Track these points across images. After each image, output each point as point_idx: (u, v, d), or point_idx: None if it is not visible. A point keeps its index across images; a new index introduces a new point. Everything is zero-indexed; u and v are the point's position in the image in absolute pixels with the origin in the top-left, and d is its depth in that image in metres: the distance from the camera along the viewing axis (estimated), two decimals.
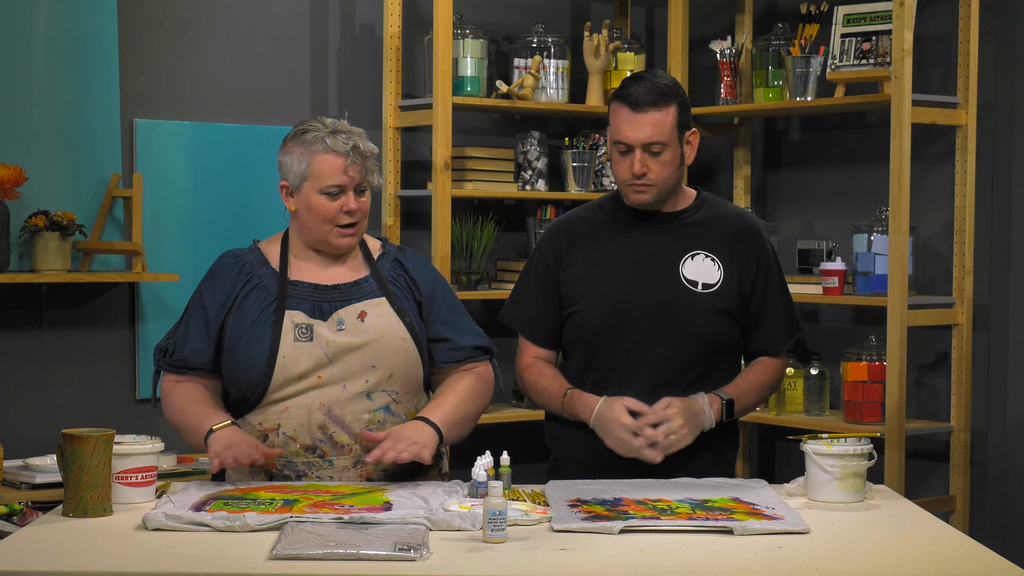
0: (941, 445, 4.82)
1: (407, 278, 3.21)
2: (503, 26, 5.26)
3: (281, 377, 3.06)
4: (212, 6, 4.70)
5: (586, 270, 3.29)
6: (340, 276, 3.17)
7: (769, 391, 3.40)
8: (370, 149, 3.11)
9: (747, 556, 2.49)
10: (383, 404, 3.11)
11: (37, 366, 4.41)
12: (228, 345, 3.11)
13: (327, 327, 3.09)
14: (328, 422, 3.07)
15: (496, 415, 4.89)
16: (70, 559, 2.46)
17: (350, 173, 3.07)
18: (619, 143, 3.20)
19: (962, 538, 2.67)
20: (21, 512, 3.96)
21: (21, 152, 4.28)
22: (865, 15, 4.71)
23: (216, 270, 3.19)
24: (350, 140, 3.08)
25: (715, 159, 5.61)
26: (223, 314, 3.13)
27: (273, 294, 3.12)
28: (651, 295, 3.24)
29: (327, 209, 3.09)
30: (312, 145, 3.08)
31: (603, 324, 3.26)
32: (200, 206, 4.64)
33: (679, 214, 3.30)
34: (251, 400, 3.09)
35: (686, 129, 3.22)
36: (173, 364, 3.15)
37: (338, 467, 3.08)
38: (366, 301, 3.13)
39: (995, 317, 4.71)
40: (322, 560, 2.42)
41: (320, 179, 3.08)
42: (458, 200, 4.97)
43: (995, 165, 4.69)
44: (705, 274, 3.26)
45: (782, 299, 3.34)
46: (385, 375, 3.10)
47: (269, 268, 3.16)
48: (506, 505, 2.58)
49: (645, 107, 3.16)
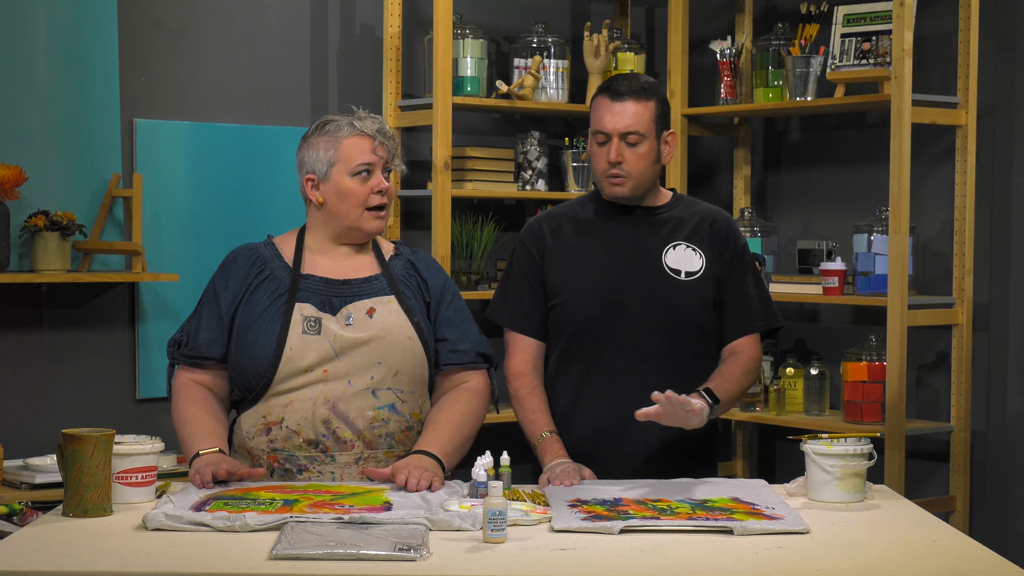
0: (941, 445, 4.82)
1: (418, 278, 3.23)
2: (503, 26, 5.26)
3: (287, 369, 3.07)
4: (212, 6, 4.70)
5: (570, 261, 3.34)
6: (352, 271, 3.18)
7: (749, 380, 3.35)
8: (392, 132, 3.20)
9: (747, 556, 2.49)
10: (388, 402, 3.11)
11: (37, 366, 4.41)
12: (237, 335, 3.12)
13: (335, 321, 3.10)
14: (332, 417, 3.08)
15: (496, 415, 4.89)
16: (70, 559, 2.46)
17: (379, 153, 3.14)
18: (598, 132, 3.26)
19: (962, 538, 2.67)
20: (21, 512, 3.96)
21: (21, 152, 4.28)
22: (865, 15, 4.71)
23: (230, 262, 3.21)
24: (375, 122, 3.17)
25: (715, 159, 5.61)
26: (235, 305, 3.15)
27: (284, 286, 3.14)
28: (637, 284, 3.30)
29: (359, 191, 3.13)
30: (337, 132, 3.15)
31: (590, 313, 3.30)
32: (200, 206, 4.64)
33: (657, 209, 3.37)
34: (256, 391, 3.10)
35: (665, 128, 3.29)
36: (186, 355, 3.16)
37: (340, 463, 3.08)
38: (376, 298, 3.14)
39: (995, 317, 4.71)
40: (322, 560, 2.42)
41: (349, 161, 3.13)
42: (458, 200, 4.97)
43: (995, 165, 4.69)
44: (688, 263, 3.32)
45: (755, 289, 3.37)
46: (391, 372, 3.11)
47: (282, 261, 3.19)
48: (506, 505, 2.58)
49: (625, 96, 3.23)
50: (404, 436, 3.14)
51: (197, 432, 3.09)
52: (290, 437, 3.08)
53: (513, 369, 3.37)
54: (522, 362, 3.37)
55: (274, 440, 3.09)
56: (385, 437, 3.11)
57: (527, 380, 3.35)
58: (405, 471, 2.97)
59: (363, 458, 3.09)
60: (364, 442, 3.09)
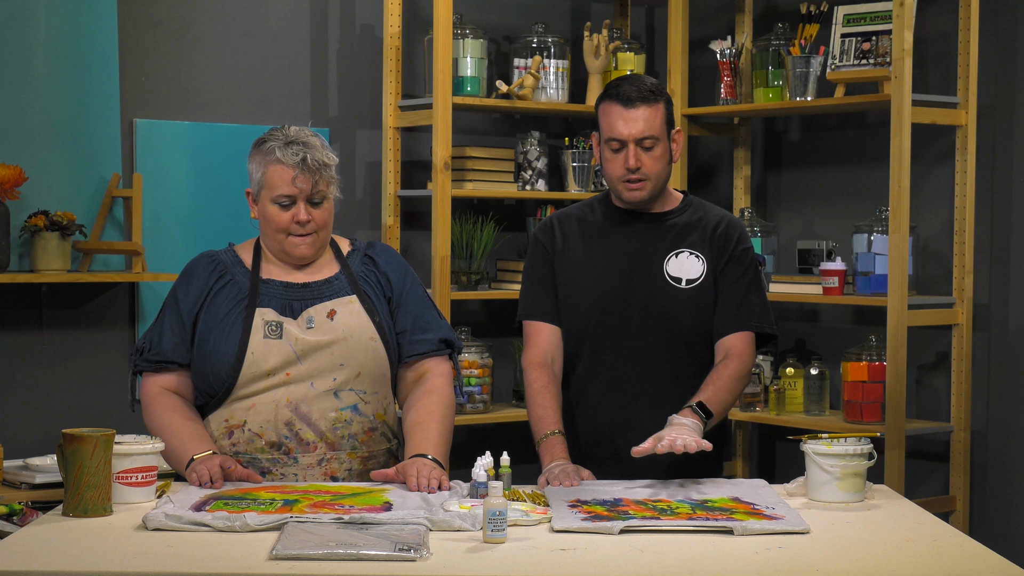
0: (941, 445, 4.82)
1: (377, 273, 3.23)
2: (503, 26, 5.26)
3: (249, 373, 3.08)
4: (212, 6, 4.70)
5: (576, 266, 3.34)
6: (311, 274, 3.19)
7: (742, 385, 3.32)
8: (323, 161, 3.10)
9: (747, 556, 2.49)
10: (350, 403, 3.12)
11: (37, 366, 4.41)
12: (198, 340, 3.13)
13: (297, 325, 3.10)
14: (295, 419, 3.08)
15: (496, 415, 4.90)
16: (70, 559, 2.46)
17: (299, 184, 3.09)
18: (612, 140, 3.24)
19: (962, 538, 2.67)
20: (21, 512, 3.97)
21: (21, 152, 4.28)
22: (865, 15, 4.71)
23: (190, 269, 3.22)
24: (300, 152, 3.08)
25: (715, 159, 5.61)
26: (195, 310, 3.15)
27: (245, 291, 3.14)
28: (637, 292, 3.29)
29: (279, 219, 3.12)
30: (267, 155, 3.12)
31: (591, 320, 3.31)
32: (200, 206, 4.64)
33: (666, 215, 3.36)
34: (218, 395, 3.11)
35: (671, 127, 3.29)
36: (151, 360, 3.16)
37: (303, 464, 3.09)
38: (336, 299, 3.15)
39: (995, 317, 4.71)
40: (322, 560, 2.42)
41: (272, 188, 3.11)
42: (458, 200, 4.96)
43: (995, 165, 4.69)
44: (689, 270, 3.31)
45: (755, 293, 3.33)
46: (353, 373, 3.11)
47: (242, 267, 3.19)
48: (506, 505, 2.58)
49: (637, 103, 3.22)
50: (367, 437, 3.14)
51: (186, 439, 3.07)
52: (252, 440, 3.09)
53: (530, 359, 3.34)
54: (540, 352, 3.34)
55: (236, 443, 3.10)
56: (348, 438, 3.11)
57: (542, 372, 3.31)
58: (414, 471, 2.97)
59: (325, 459, 3.09)
60: (327, 443, 3.09)
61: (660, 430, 3.06)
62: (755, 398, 5.06)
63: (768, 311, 3.37)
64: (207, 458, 3.00)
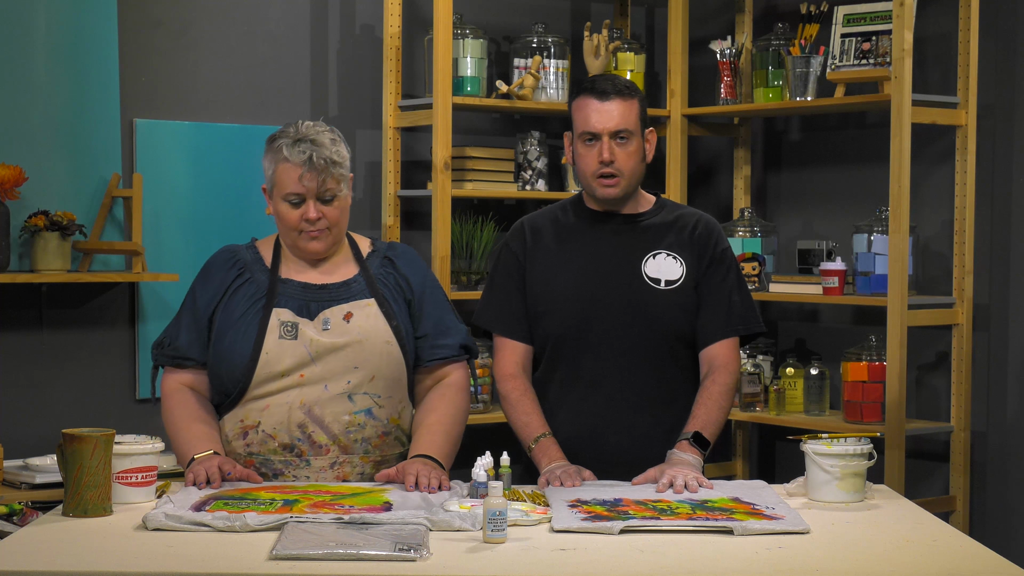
0: (941, 445, 4.82)
1: (397, 276, 3.22)
2: (503, 26, 5.26)
3: (263, 373, 3.07)
4: (212, 6, 4.70)
5: (550, 269, 3.33)
6: (329, 276, 3.18)
7: (731, 397, 3.31)
8: (330, 158, 3.09)
9: (747, 556, 2.49)
10: (364, 407, 3.11)
11: (37, 366, 4.41)
12: (215, 339, 3.13)
13: (312, 326, 3.10)
14: (308, 421, 3.08)
15: (496, 415, 4.89)
16: (70, 559, 2.46)
17: (306, 183, 3.08)
18: (585, 133, 3.25)
19: (962, 538, 2.67)
20: (21, 512, 3.96)
21: (21, 152, 4.28)
22: (865, 15, 4.71)
23: (210, 264, 3.22)
24: (308, 150, 3.08)
25: (715, 159, 5.61)
26: (212, 307, 3.15)
27: (263, 290, 3.14)
28: (615, 294, 3.28)
29: (289, 217, 3.12)
30: (277, 153, 3.12)
31: (570, 323, 3.29)
32: (200, 206, 4.64)
33: (640, 216, 3.35)
34: (233, 395, 3.11)
35: (646, 126, 3.28)
36: (168, 356, 3.17)
37: (315, 467, 3.08)
38: (354, 302, 3.14)
39: (995, 317, 4.71)
40: (322, 560, 2.42)
41: (282, 187, 3.11)
42: (458, 200, 4.96)
43: (995, 165, 4.69)
44: (668, 271, 3.30)
45: (737, 294, 3.33)
46: (367, 377, 3.10)
47: (262, 265, 3.19)
48: (506, 505, 2.58)
49: (611, 95, 3.23)
50: (381, 441, 3.14)
51: (191, 438, 3.09)
52: (265, 441, 3.09)
53: (503, 371, 3.35)
54: (512, 364, 3.35)
55: (250, 444, 3.10)
56: (361, 442, 3.11)
57: (518, 382, 3.33)
58: (414, 471, 2.96)
59: (338, 463, 3.09)
60: (339, 446, 3.09)
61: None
62: (755, 398, 5.06)
63: (753, 308, 3.37)
64: (206, 459, 3.01)
